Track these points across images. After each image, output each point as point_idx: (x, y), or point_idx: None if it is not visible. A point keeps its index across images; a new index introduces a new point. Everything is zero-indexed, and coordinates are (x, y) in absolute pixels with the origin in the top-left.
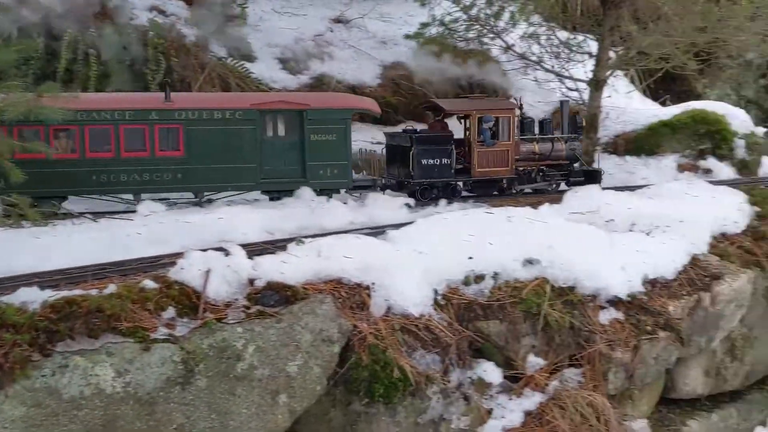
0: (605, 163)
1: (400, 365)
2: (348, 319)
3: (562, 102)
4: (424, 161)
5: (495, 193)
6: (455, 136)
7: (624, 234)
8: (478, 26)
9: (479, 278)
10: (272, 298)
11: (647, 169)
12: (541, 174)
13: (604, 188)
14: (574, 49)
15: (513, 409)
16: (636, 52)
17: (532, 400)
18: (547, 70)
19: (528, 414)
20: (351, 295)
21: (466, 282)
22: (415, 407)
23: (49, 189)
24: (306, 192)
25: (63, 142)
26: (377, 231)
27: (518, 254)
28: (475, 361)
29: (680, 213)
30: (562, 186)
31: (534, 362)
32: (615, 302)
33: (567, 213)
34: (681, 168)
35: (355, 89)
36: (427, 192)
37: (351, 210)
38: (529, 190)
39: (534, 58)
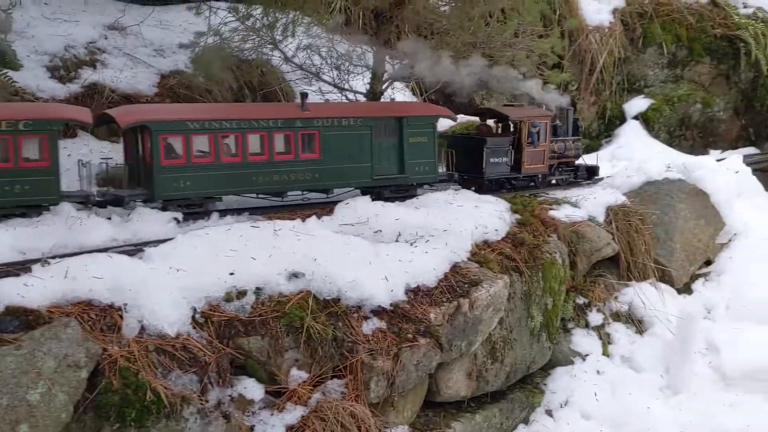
0: None
1: (154, 387)
2: (97, 343)
3: (567, 110)
4: (492, 159)
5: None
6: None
7: (389, 244)
8: (255, 36)
9: (241, 294)
10: (11, 324)
11: None
12: (559, 170)
13: (374, 199)
14: (354, 61)
15: (275, 425)
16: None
17: (293, 414)
18: (326, 82)
19: (290, 428)
20: (101, 317)
21: (228, 298)
22: (170, 429)
23: (217, 189)
24: (65, 207)
25: (226, 147)
26: (135, 249)
27: (283, 268)
28: (236, 379)
29: (444, 222)
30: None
31: (297, 376)
32: (378, 312)
33: (336, 225)
34: None
35: (130, 98)
36: (489, 185)
37: (114, 226)
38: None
39: (314, 69)
